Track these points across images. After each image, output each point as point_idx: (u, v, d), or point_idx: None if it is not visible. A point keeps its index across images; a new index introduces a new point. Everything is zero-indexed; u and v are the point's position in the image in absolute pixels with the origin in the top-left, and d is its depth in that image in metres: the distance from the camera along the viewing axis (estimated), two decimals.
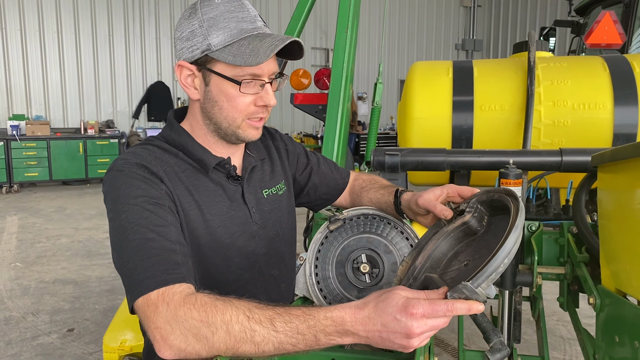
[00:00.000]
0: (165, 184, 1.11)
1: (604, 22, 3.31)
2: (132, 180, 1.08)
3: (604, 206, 1.27)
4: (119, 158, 1.15)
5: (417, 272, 0.94)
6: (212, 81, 1.13)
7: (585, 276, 1.46)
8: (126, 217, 1.03)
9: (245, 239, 1.23)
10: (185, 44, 1.12)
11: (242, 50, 1.08)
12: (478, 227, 0.95)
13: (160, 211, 1.05)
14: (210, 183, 1.21)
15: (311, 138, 12.39)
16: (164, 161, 1.16)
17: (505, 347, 1.31)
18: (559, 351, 3.45)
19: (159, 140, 1.23)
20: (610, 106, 1.88)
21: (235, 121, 1.17)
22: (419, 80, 2.09)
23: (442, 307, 0.81)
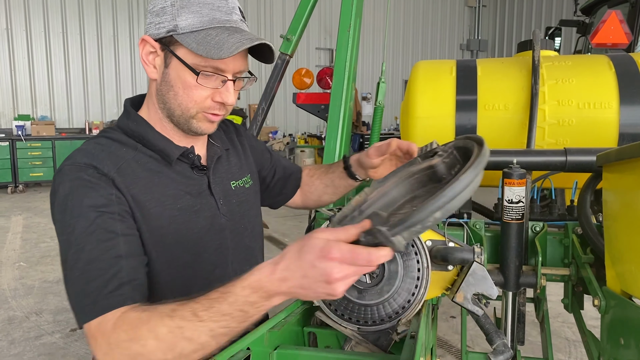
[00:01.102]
0: (117, 186, 1.03)
1: (609, 22, 3.28)
2: (78, 188, 1.00)
3: (609, 206, 1.25)
4: (69, 158, 1.07)
5: (366, 205, 0.86)
6: (171, 64, 1.07)
7: (590, 277, 1.44)
8: (72, 232, 0.97)
9: (213, 233, 1.18)
10: (154, 19, 1.06)
11: (207, 40, 1.02)
12: (444, 174, 0.87)
13: (107, 222, 0.98)
14: (173, 175, 1.14)
15: (315, 138, 12.38)
16: (119, 156, 1.08)
17: (508, 349, 1.29)
18: (564, 353, 3.42)
19: (115, 131, 1.15)
20: (616, 105, 1.85)
21: (188, 111, 1.10)
22: (422, 79, 2.07)
23: (363, 253, 0.75)
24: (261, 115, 2.57)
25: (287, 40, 2.44)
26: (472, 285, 1.09)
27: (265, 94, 2.59)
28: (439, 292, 1.22)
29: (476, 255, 1.14)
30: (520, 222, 1.54)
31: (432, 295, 1.22)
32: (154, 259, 1.08)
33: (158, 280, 1.10)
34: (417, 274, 1.15)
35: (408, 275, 1.15)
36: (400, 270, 1.15)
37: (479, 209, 2.23)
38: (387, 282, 1.15)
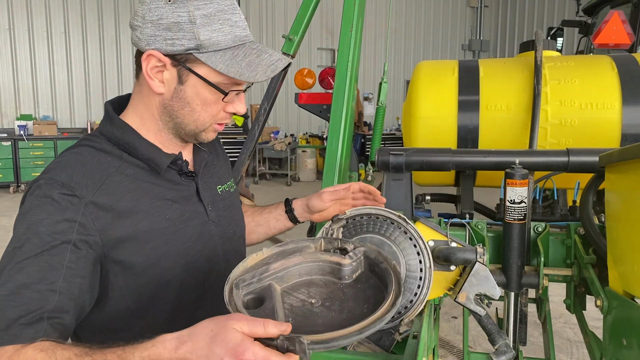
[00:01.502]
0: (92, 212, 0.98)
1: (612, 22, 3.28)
2: (43, 206, 0.95)
3: (612, 207, 1.25)
4: (48, 170, 1.02)
5: (265, 275, 0.90)
6: (189, 82, 1.04)
7: (592, 278, 1.44)
8: (19, 247, 0.92)
9: (204, 241, 1.16)
10: (163, 33, 1.00)
11: (237, 60, 1.02)
12: (347, 277, 0.92)
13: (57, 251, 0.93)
14: (161, 184, 1.10)
15: (317, 139, 12.38)
16: (102, 170, 1.03)
17: (510, 349, 1.29)
18: (566, 354, 3.42)
19: (97, 138, 1.09)
20: (619, 106, 1.85)
21: (203, 125, 1.10)
22: (424, 79, 2.07)
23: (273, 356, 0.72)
24: (263, 116, 2.57)
25: (289, 40, 2.44)
26: (474, 286, 1.09)
27: (267, 94, 2.59)
28: (441, 292, 1.22)
29: (479, 255, 1.14)
30: (523, 223, 1.53)
31: (435, 296, 1.22)
32: (143, 272, 1.05)
33: (148, 294, 1.07)
34: (420, 274, 1.15)
35: (410, 275, 1.15)
36: (402, 271, 1.15)
37: (481, 209, 2.23)
38: None
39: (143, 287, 1.06)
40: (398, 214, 1.20)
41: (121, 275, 1.04)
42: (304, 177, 11.30)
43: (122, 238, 1.02)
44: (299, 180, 11.27)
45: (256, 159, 11.22)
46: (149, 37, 1.02)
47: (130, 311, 1.07)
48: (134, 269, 1.04)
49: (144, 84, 1.08)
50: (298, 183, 11.07)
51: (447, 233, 1.23)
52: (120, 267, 1.03)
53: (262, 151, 11.14)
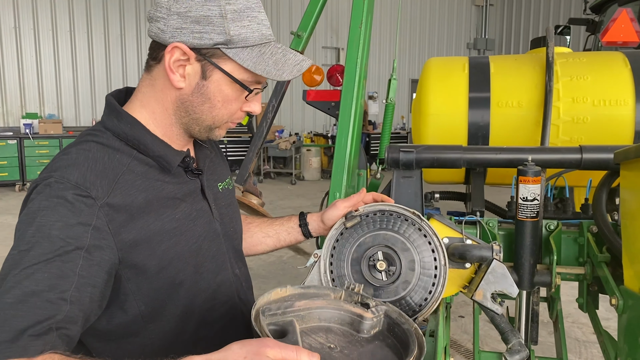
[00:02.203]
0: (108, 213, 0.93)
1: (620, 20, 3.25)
2: (56, 207, 0.89)
3: (627, 205, 1.23)
4: (56, 168, 0.95)
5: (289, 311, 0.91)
6: (213, 77, 1.01)
7: (606, 277, 1.42)
8: (27, 251, 0.86)
9: (210, 240, 1.13)
10: (191, 25, 0.96)
11: (264, 58, 1.00)
12: (366, 331, 0.93)
13: (70, 258, 0.87)
14: (170, 183, 1.07)
15: (321, 137, 12.37)
16: (115, 169, 0.98)
17: (524, 348, 1.28)
18: (575, 353, 3.39)
19: (104, 134, 1.03)
20: (632, 102, 1.83)
21: (220, 122, 1.08)
22: (434, 76, 2.05)
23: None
24: (271, 113, 2.56)
25: (297, 37, 2.43)
26: (492, 284, 1.08)
27: (275, 92, 2.58)
28: (456, 290, 1.20)
29: (495, 252, 1.12)
30: (535, 221, 1.52)
31: (449, 293, 1.21)
32: (156, 275, 1.02)
33: (161, 297, 1.04)
34: (435, 271, 1.14)
35: (425, 273, 1.14)
36: (417, 268, 1.14)
37: (491, 207, 2.21)
38: (404, 280, 1.14)
39: (156, 291, 1.03)
40: (412, 211, 1.19)
41: (134, 280, 1.00)
42: (309, 176, 11.29)
43: (135, 241, 0.98)
44: (303, 179, 11.26)
45: (261, 158, 11.21)
46: (175, 30, 0.97)
47: (142, 316, 1.03)
48: (147, 272, 1.00)
49: (158, 77, 1.04)
50: (302, 182, 11.06)
51: (462, 230, 1.21)
52: (133, 271, 0.99)
53: (266, 150, 11.13)
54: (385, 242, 1.16)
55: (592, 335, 3.61)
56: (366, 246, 1.17)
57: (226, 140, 10.48)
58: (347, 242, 1.19)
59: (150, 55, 1.05)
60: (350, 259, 1.17)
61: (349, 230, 1.20)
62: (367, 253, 1.16)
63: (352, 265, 1.17)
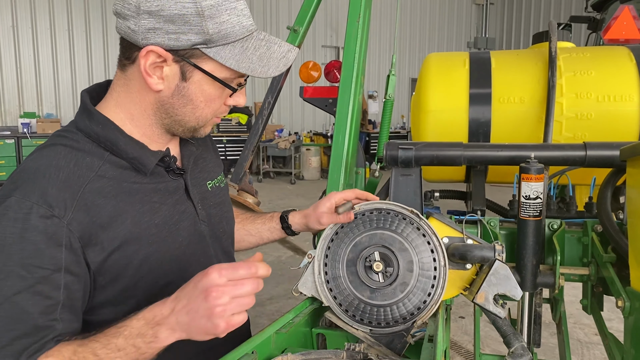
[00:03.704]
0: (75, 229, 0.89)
1: (622, 17, 3.20)
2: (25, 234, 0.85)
3: (634, 203, 1.19)
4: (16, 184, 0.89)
5: None
6: (193, 78, 0.95)
7: (612, 277, 1.38)
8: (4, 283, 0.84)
9: (195, 243, 1.08)
10: (165, 26, 0.89)
11: (247, 55, 0.94)
12: None
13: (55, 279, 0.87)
14: (147, 185, 1.01)
15: (321, 137, 12.33)
16: (81, 176, 0.92)
17: (527, 352, 1.22)
18: (577, 355, 3.35)
19: (74, 135, 0.98)
20: (637, 98, 1.78)
21: (204, 121, 1.03)
22: (434, 71, 2.00)
23: (241, 267, 0.82)
24: (267, 109, 2.51)
25: (294, 31, 2.38)
26: (494, 286, 1.03)
27: (271, 88, 2.53)
28: (456, 292, 1.15)
29: (497, 253, 1.07)
30: (538, 220, 1.47)
31: (449, 296, 1.16)
32: (135, 284, 0.98)
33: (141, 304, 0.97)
34: (434, 272, 1.09)
35: (424, 274, 1.09)
36: (415, 269, 1.09)
37: (492, 206, 2.16)
38: (402, 282, 1.09)
39: (134, 299, 0.99)
40: (410, 209, 1.14)
41: (111, 288, 0.96)
42: (308, 175, 11.25)
43: (110, 251, 0.93)
44: (303, 178, 11.22)
45: (260, 157, 11.18)
46: (147, 30, 0.90)
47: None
48: (125, 280, 0.97)
49: (133, 78, 0.97)
50: (302, 181, 11.02)
51: (462, 229, 1.16)
52: (110, 279, 0.95)
53: (266, 149, 11.09)
54: (382, 242, 1.11)
55: (594, 336, 3.57)
56: (362, 246, 1.12)
57: (225, 139, 10.44)
58: (343, 242, 1.14)
59: (122, 53, 0.97)
60: (346, 259, 1.12)
61: (344, 229, 1.15)
62: (363, 253, 1.11)
63: (348, 266, 1.12)
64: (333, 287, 1.13)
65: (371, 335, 1.10)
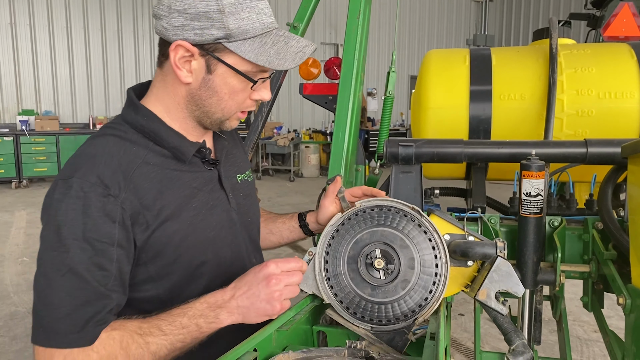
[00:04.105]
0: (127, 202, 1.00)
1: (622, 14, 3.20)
2: (85, 210, 0.95)
3: (636, 200, 1.18)
4: (76, 167, 0.99)
5: None
6: (217, 71, 1.04)
7: (613, 275, 1.37)
8: (66, 252, 0.94)
9: (227, 228, 1.19)
10: (192, 22, 0.99)
11: (265, 48, 1.03)
12: None
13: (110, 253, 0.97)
14: (186, 173, 1.12)
15: (320, 134, 12.31)
16: (130, 162, 1.03)
17: (528, 349, 1.22)
18: (576, 352, 3.36)
19: (122, 126, 1.09)
20: (638, 95, 1.78)
21: (229, 113, 1.11)
22: (434, 68, 2.00)
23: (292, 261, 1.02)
24: (266, 107, 2.50)
25: (293, 28, 2.37)
26: (496, 282, 1.02)
27: (271, 84, 2.52)
28: (458, 289, 1.15)
29: (499, 250, 1.07)
30: (539, 217, 1.46)
31: (451, 293, 1.15)
32: (174, 262, 1.08)
33: (178, 282, 1.10)
34: (435, 269, 1.09)
35: (425, 271, 1.09)
36: (416, 266, 1.08)
37: (492, 203, 2.16)
38: (403, 279, 1.08)
39: (174, 276, 1.09)
40: (412, 206, 1.13)
41: (152, 264, 1.06)
42: (307, 173, 11.24)
43: (153, 229, 1.03)
44: (302, 176, 11.22)
45: (259, 155, 11.17)
46: (177, 27, 1.00)
47: (160, 299, 1.10)
48: (165, 257, 1.06)
49: (168, 73, 1.08)
50: (301, 179, 11.01)
51: (464, 226, 1.16)
52: (152, 255, 1.05)
53: (265, 147, 11.08)
54: (384, 239, 1.10)
55: (594, 333, 3.57)
56: (363, 243, 1.11)
57: None
58: (343, 239, 1.13)
59: (160, 51, 1.09)
60: (347, 256, 1.12)
61: (345, 226, 1.15)
62: (364, 250, 1.10)
63: (349, 263, 1.11)
64: (334, 284, 1.12)
65: (372, 333, 1.09)
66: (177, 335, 0.97)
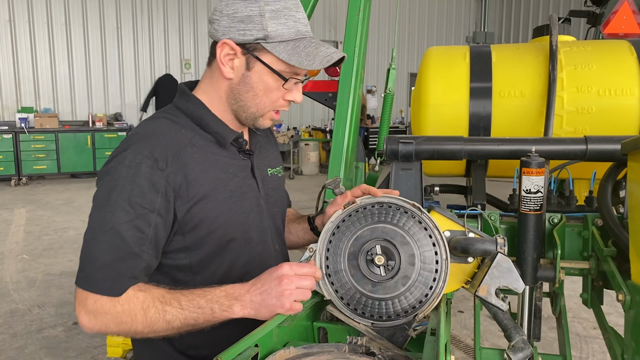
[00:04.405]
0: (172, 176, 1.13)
1: (622, 11, 3.20)
2: (134, 178, 1.10)
3: (635, 197, 1.18)
4: (133, 141, 1.15)
5: None
6: (255, 68, 1.18)
7: (612, 271, 1.38)
8: (112, 212, 1.08)
9: (255, 213, 1.30)
10: (237, 24, 1.15)
11: (298, 51, 1.15)
12: None
13: (146, 218, 1.10)
14: (225, 157, 1.25)
15: (320, 132, 12.30)
16: (179, 142, 1.18)
17: (528, 345, 1.22)
18: (576, 349, 3.36)
19: (175, 111, 1.26)
20: (638, 92, 1.78)
21: (263, 110, 1.23)
22: (434, 65, 1.99)
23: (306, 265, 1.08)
24: None
25: None
26: (496, 278, 1.03)
27: None
28: (458, 285, 1.15)
29: (499, 246, 1.07)
30: (539, 214, 1.47)
31: (451, 289, 1.16)
32: (207, 235, 1.20)
33: (209, 254, 1.23)
34: (435, 266, 1.09)
35: (425, 267, 1.09)
36: (417, 262, 1.08)
37: (492, 200, 2.16)
38: (403, 275, 1.08)
39: (206, 248, 1.21)
40: (412, 203, 1.13)
41: (190, 235, 1.19)
42: (307, 170, 11.24)
43: (193, 203, 1.16)
44: (301, 173, 11.22)
45: None
46: (225, 28, 1.16)
47: (191, 267, 1.23)
48: (201, 231, 1.19)
49: (215, 70, 1.23)
50: (301, 176, 11.01)
51: (464, 223, 1.16)
52: (191, 227, 1.18)
53: None
54: (384, 236, 1.11)
55: (593, 330, 3.58)
56: (364, 240, 1.11)
57: None
58: (344, 235, 1.14)
59: (210, 52, 1.24)
60: (347, 253, 1.12)
61: (345, 223, 1.15)
62: (364, 247, 1.11)
63: (349, 259, 1.12)
64: (334, 280, 1.13)
65: (373, 329, 1.10)
66: (192, 313, 1.07)
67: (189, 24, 11.75)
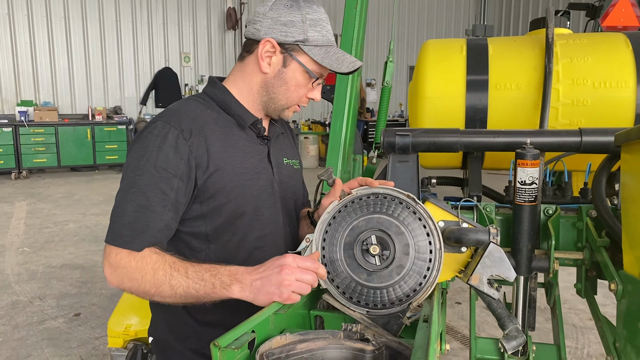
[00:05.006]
0: (196, 146, 1.26)
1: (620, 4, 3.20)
2: (161, 145, 1.23)
3: (628, 188, 1.20)
4: (164, 114, 1.31)
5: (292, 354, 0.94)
6: (290, 66, 1.34)
7: (606, 261, 1.39)
8: (140, 175, 1.22)
9: (268, 194, 1.40)
10: (280, 27, 1.31)
11: (329, 55, 1.33)
12: None
13: (170, 181, 1.22)
14: (244, 138, 1.38)
15: (319, 125, 12.31)
16: (204, 119, 1.31)
17: (521, 334, 1.25)
18: (571, 339, 3.39)
19: (203, 96, 1.42)
20: (633, 84, 1.79)
21: (291, 102, 1.39)
22: (431, 58, 2.01)
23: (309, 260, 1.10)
24: None
25: None
26: (488, 268, 1.05)
27: None
28: (452, 274, 1.17)
29: (492, 236, 1.09)
30: (534, 205, 1.48)
31: (445, 278, 1.18)
32: (222, 205, 1.31)
33: (223, 224, 1.33)
34: (429, 255, 1.11)
35: (419, 257, 1.11)
36: (411, 252, 1.10)
37: (488, 192, 2.18)
38: (398, 265, 1.10)
39: (220, 217, 1.32)
40: (407, 194, 1.15)
41: (206, 204, 1.30)
42: (306, 163, 11.25)
43: (210, 173, 1.28)
44: None
45: None
46: (267, 29, 1.32)
47: (206, 235, 1.33)
48: (217, 200, 1.30)
49: (249, 64, 1.38)
50: None
51: (458, 213, 1.18)
52: (208, 195, 1.29)
53: None
54: (379, 226, 1.12)
55: (589, 321, 3.61)
56: (359, 230, 1.13)
57: None
58: (340, 225, 1.16)
59: (244, 49, 1.39)
60: (343, 243, 1.14)
61: (341, 213, 1.17)
62: (360, 237, 1.13)
63: (345, 249, 1.14)
64: (330, 270, 1.15)
65: (368, 317, 1.12)
66: (195, 284, 1.14)
67: (188, 17, 11.71)
